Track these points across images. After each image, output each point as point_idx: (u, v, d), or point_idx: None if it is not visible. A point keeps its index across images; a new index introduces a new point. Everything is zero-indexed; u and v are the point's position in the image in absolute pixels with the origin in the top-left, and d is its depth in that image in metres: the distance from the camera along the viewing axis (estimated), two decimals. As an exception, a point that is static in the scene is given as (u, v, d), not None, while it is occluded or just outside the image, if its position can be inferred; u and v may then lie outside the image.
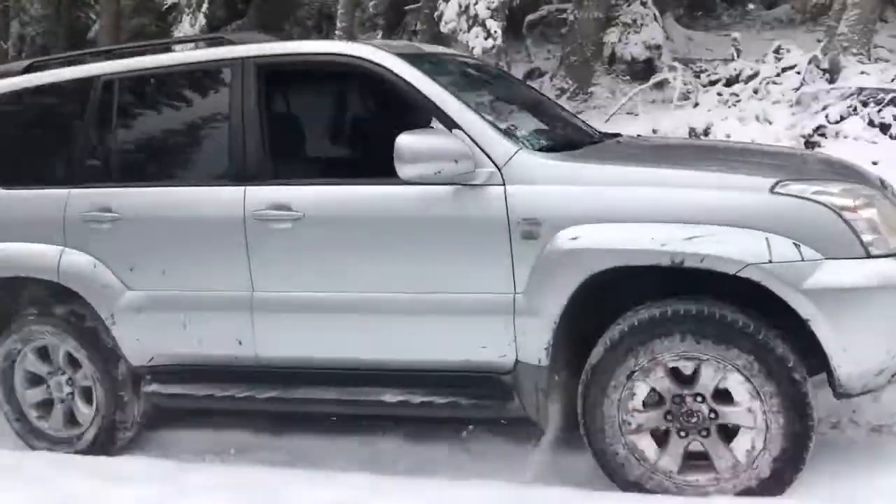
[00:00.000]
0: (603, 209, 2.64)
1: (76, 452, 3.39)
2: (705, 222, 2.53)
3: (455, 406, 2.88)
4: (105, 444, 3.39)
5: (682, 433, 2.58)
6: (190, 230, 3.11)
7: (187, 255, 3.13)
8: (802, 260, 2.43)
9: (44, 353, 3.45)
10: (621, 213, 2.62)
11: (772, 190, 2.54)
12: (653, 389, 2.59)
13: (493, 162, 2.75)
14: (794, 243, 2.45)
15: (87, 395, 3.41)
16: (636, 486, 2.62)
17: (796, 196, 2.52)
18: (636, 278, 2.63)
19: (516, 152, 2.77)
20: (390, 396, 2.95)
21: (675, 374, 2.58)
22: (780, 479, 2.51)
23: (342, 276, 2.96)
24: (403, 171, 2.68)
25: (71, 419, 3.46)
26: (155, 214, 3.17)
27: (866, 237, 2.47)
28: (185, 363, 3.22)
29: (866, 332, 2.49)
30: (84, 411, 3.41)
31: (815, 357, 2.50)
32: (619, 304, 2.66)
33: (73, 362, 3.39)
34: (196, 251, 3.12)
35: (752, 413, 2.48)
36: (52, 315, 3.38)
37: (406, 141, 2.68)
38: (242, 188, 3.03)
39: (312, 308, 2.99)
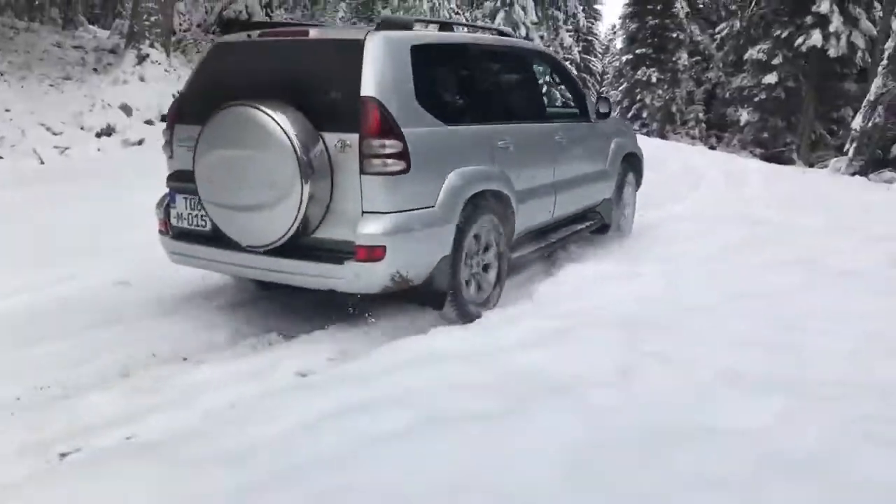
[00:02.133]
0: (624, 136, 6.59)
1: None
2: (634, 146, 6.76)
3: (593, 225, 6.03)
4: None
5: None
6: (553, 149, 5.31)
7: (536, 164, 5.04)
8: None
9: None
10: (631, 140, 6.80)
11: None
12: None
13: (591, 116, 5.89)
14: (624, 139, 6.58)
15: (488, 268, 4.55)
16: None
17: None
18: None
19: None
20: (578, 227, 5.78)
21: None
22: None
23: (561, 174, 5.34)
24: (601, 115, 5.93)
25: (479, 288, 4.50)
26: (527, 141, 4.93)
27: None
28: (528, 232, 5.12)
29: None
30: (490, 280, 4.55)
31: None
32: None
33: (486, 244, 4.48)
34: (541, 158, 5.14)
35: None
36: (493, 210, 4.43)
37: (601, 100, 6.04)
38: (549, 124, 5.43)
39: (568, 186, 5.44)
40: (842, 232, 7.04)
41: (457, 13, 23.34)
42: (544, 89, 7.94)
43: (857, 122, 18.70)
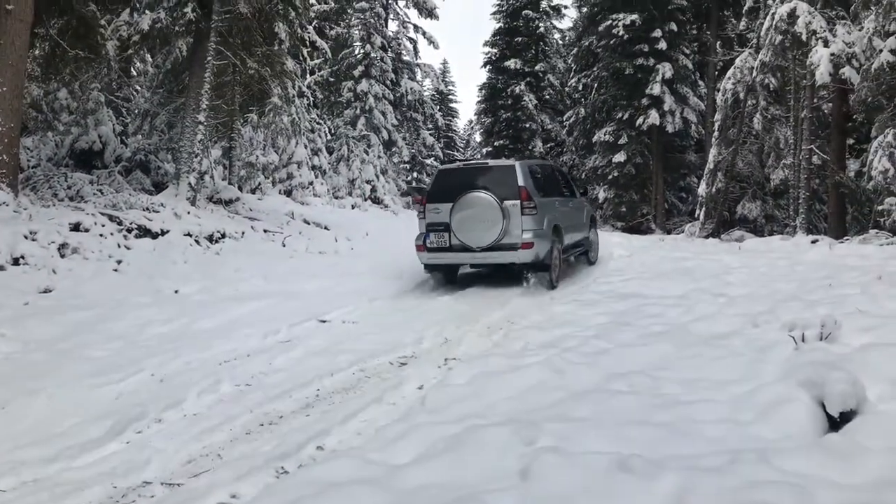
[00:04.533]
0: (588, 205, 13.16)
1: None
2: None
3: (582, 249, 11.96)
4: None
5: None
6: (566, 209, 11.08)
7: (566, 215, 10.87)
8: None
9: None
10: (590, 208, 13.30)
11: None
12: None
13: (577, 194, 12.25)
14: (588, 207, 13.11)
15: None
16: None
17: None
18: None
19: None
20: (578, 249, 11.79)
21: None
22: None
23: (570, 222, 11.06)
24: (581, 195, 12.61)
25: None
26: (563, 205, 11.01)
27: None
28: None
29: None
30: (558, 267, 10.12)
31: None
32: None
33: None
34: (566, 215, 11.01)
35: None
36: (558, 234, 10.10)
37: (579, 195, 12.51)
38: (568, 197, 11.56)
39: (568, 230, 10.71)
40: (704, 297, 7.52)
41: (318, 123, 23.84)
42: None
43: (702, 189, 20.34)
